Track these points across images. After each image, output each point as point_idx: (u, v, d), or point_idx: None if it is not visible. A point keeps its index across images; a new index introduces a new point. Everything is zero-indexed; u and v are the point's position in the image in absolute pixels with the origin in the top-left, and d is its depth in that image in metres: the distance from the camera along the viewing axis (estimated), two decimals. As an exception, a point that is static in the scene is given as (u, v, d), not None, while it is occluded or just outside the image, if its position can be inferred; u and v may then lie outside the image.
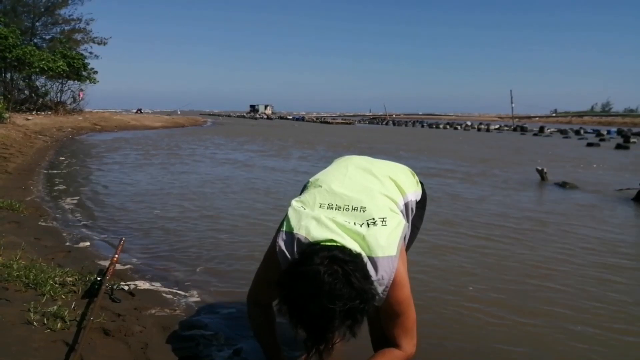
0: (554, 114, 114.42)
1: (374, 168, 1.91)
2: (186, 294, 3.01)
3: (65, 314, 2.28)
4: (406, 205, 1.84)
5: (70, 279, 2.80)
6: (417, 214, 2.03)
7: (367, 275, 1.47)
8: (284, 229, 1.66)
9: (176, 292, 3.01)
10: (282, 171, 9.74)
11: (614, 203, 6.91)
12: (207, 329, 2.46)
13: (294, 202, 1.74)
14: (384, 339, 1.78)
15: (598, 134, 30.27)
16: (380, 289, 1.53)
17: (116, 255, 3.07)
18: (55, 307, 2.34)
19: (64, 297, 2.54)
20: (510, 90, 56.30)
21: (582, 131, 32.66)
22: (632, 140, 23.27)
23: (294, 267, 1.47)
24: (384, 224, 1.60)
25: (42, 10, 29.48)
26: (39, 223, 4.57)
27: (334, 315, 1.35)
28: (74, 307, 2.40)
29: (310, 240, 1.57)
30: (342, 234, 1.57)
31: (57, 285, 2.64)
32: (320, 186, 1.78)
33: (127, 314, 2.49)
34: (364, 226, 1.60)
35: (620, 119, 71.60)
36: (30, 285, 2.62)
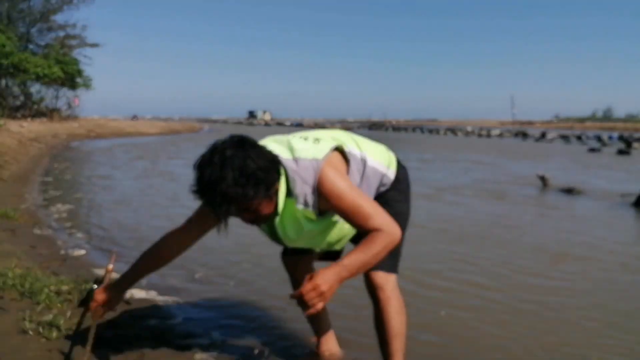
0: (556, 120, 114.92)
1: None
2: (182, 302, 3.01)
3: (61, 322, 2.27)
4: (363, 160, 1.87)
5: (66, 287, 2.79)
6: (395, 194, 1.96)
7: (266, 157, 1.62)
8: None
9: (172, 301, 3.01)
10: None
11: (618, 208, 6.91)
12: (203, 337, 2.46)
13: None
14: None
15: (599, 139, 30.16)
16: (306, 187, 1.71)
17: (111, 264, 3.06)
18: (50, 316, 2.34)
19: (59, 305, 2.54)
20: (512, 96, 56.45)
21: (583, 137, 32.54)
22: (634, 145, 22.99)
23: None
24: (315, 142, 1.80)
25: (38, 16, 29.43)
26: (34, 231, 4.56)
27: (225, 172, 1.53)
28: (69, 316, 2.40)
29: None
30: (277, 144, 1.80)
31: (52, 294, 2.64)
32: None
33: (122, 323, 2.49)
34: (296, 138, 1.84)
35: (621, 124, 72.04)
36: (26, 293, 2.62)
